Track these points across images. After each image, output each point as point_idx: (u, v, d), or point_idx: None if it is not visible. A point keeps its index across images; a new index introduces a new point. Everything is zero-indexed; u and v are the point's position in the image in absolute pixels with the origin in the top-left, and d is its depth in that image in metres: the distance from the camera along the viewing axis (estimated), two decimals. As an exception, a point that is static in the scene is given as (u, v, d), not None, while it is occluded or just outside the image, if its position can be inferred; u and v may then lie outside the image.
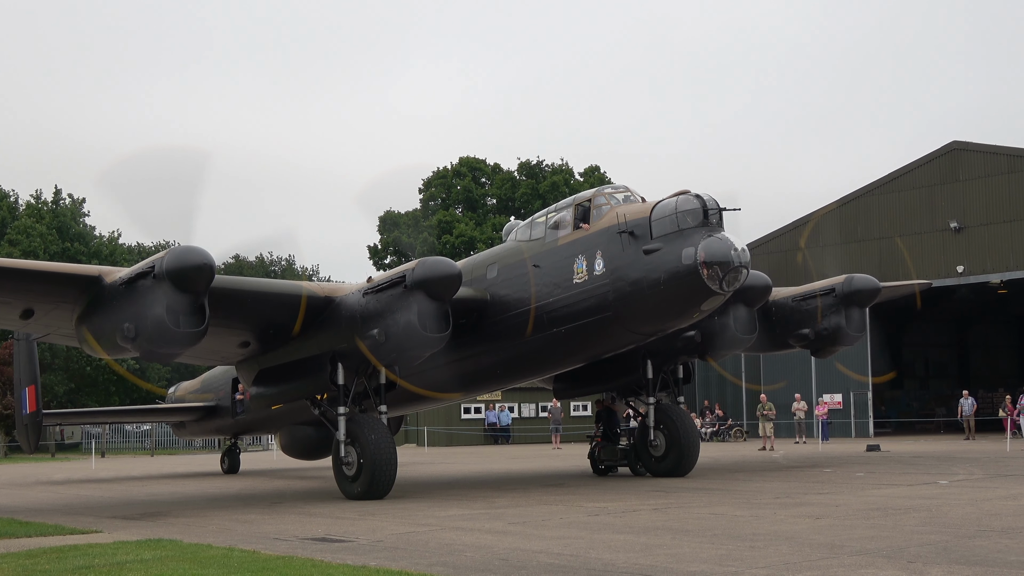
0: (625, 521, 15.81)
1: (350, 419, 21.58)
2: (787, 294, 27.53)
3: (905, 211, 49.38)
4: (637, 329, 22.06)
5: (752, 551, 12.18)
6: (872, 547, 12.25)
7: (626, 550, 12.57)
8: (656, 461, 25.50)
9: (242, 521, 17.66)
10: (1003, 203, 46.76)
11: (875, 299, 27.70)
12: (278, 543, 14.32)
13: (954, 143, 48.92)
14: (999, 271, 47.19)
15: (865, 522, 14.81)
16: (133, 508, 21.26)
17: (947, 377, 67.30)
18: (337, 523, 16.81)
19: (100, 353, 20.24)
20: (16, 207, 70.38)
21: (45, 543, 14.90)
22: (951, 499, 18.07)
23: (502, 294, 23.17)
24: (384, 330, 20.41)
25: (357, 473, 21.22)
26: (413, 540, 14.21)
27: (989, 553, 11.64)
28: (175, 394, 35.20)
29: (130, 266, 19.86)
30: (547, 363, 24.01)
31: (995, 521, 14.65)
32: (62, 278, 19.65)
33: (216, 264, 18.80)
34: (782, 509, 16.95)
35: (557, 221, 22.98)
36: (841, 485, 21.64)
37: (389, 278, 20.82)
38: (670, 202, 20.98)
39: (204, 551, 13.50)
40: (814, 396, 48.59)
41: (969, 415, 42.86)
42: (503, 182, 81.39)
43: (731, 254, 20.22)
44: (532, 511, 17.76)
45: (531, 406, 56.17)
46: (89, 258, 62.33)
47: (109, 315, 19.03)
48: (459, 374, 23.87)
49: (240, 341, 22.35)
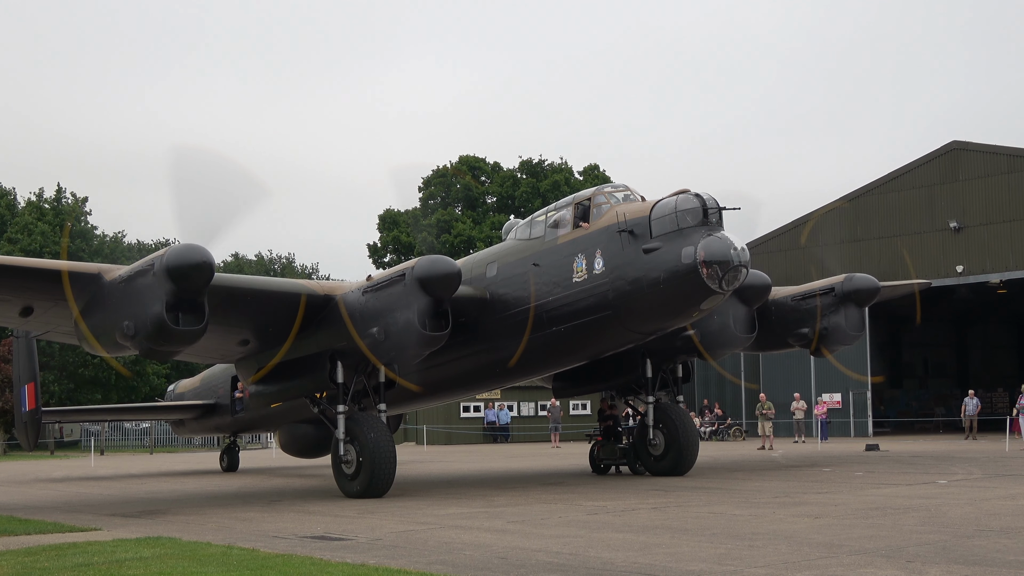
0: (624, 520, 15.82)
1: (349, 417, 21.60)
2: (786, 293, 27.53)
3: (905, 211, 49.38)
4: (637, 328, 22.07)
5: (751, 550, 12.19)
6: (871, 546, 12.26)
7: (625, 549, 12.57)
8: (655, 460, 25.50)
9: (241, 519, 17.66)
10: (1003, 203, 46.78)
11: (874, 299, 27.70)
12: (277, 541, 14.33)
13: (954, 143, 48.93)
14: (998, 271, 47.22)
15: (864, 521, 14.81)
16: (132, 506, 21.27)
17: (946, 377, 67.32)
18: (336, 521, 16.82)
19: (99, 351, 20.22)
20: (15, 204, 70.34)
21: (44, 541, 14.90)
22: (950, 499, 18.07)
23: (501, 293, 23.18)
24: (384, 328, 20.42)
25: (356, 471, 21.23)
26: (412, 538, 14.22)
27: (988, 553, 11.64)
28: (174, 392, 35.21)
29: (130, 264, 19.84)
30: (547, 362, 24.01)
31: (994, 521, 14.65)
32: (61, 276, 19.61)
33: (216, 262, 18.80)
34: (781, 508, 16.96)
35: (557, 220, 22.98)
36: (840, 484, 21.64)
37: (389, 276, 20.83)
38: (670, 201, 20.98)
39: (203, 549, 13.50)
40: (813, 395, 48.61)
41: (973, 415, 42.59)
42: (503, 180, 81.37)
43: (731, 253, 20.23)
44: (531, 510, 17.77)
45: (530, 405, 56.17)
46: (90, 256, 62.33)
47: (109, 313, 19.02)
48: (458, 373, 23.89)
49: (239, 339, 22.36)
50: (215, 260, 18.71)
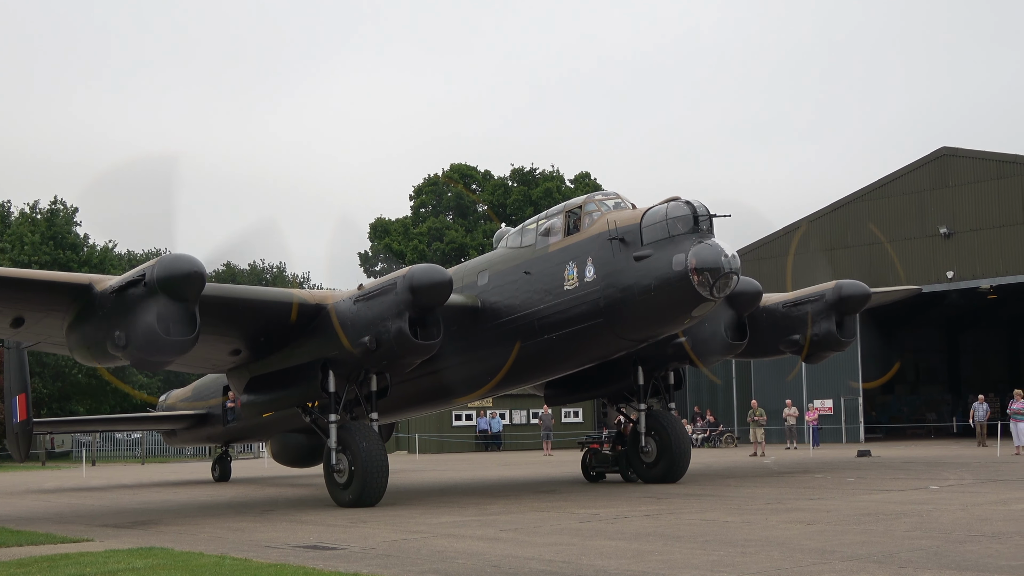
0: (617, 527, 15.82)
1: (341, 426, 21.57)
2: (777, 300, 27.56)
3: (895, 216, 49.49)
4: (628, 335, 22.10)
5: (743, 557, 12.20)
6: (863, 552, 12.28)
7: (618, 556, 12.58)
8: (647, 467, 25.50)
9: (234, 529, 17.63)
10: (992, 208, 46.91)
11: (865, 305, 27.77)
12: (270, 551, 14.30)
13: (944, 149, 49.08)
14: (989, 276, 47.37)
15: (856, 527, 14.83)
16: (124, 516, 21.20)
17: (937, 382, 67.49)
18: (329, 530, 16.79)
19: (91, 361, 20.21)
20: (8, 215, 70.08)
21: (36, 552, 14.85)
22: (942, 504, 18.10)
23: (493, 301, 23.19)
24: (375, 337, 20.43)
25: (348, 480, 21.20)
26: (405, 547, 14.20)
27: (980, 558, 11.67)
28: (166, 402, 35.11)
29: (121, 274, 19.80)
30: (538, 370, 24.02)
31: (985, 526, 14.68)
32: (52, 286, 19.56)
33: (207, 272, 18.79)
34: (773, 515, 16.97)
35: (548, 228, 23.02)
36: (832, 490, 21.67)
37: (380, 285, 20.83)
38: (660, 208, 21.03)
39: (196, 559, 13.48)
40: (805, 402, 48.68)
41: (982, 420, 42.02)
42: (494, 188, 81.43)
43: (721, 260, 20.26)
44: (524, 518, 17.76)
45: (522, 413, 56.18)
46: (80, 266, 62.15)
47: (100, 323, 18.97)
48: (450, 381, 23.88)
49: (231, 349, 22.34)
50: (206, 269, 18.72)
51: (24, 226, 65.61)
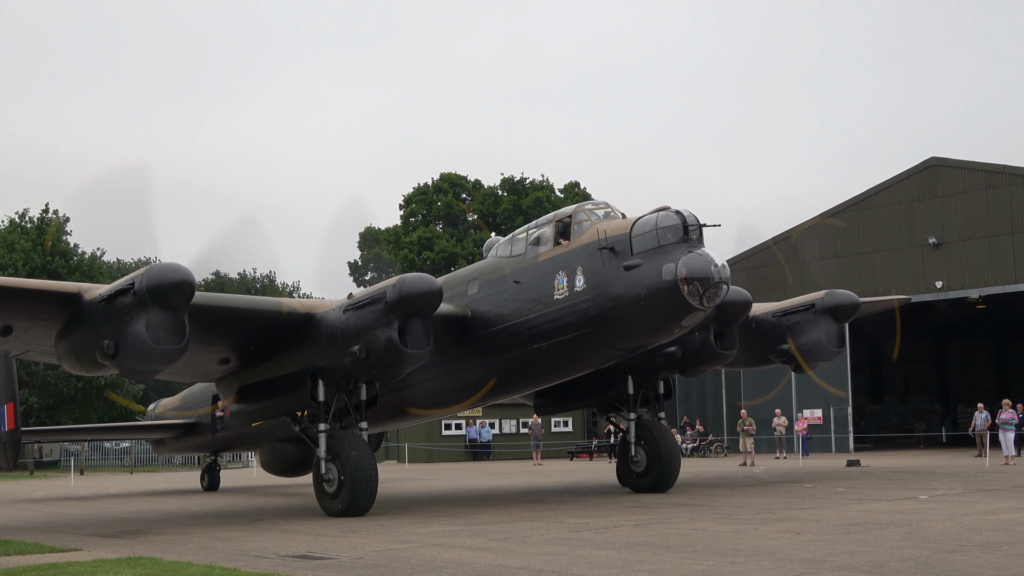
0: (606, 537, 15.81)
1: (330, 436, 21.52)
2: (767, 309, 27.60)
3: (884, 227, 49.62)
4: (618, 345, 22.10)
5: (733, 567, 12.21)
6: (853, 562, 12.29)
7: (608, 566, 12.57)
8: (637, 477, 25.49)
9: (222, 538, 17.58)
10: (981, 219, 47.06)
11: (855, 314, 27.81)
12: (259, 560, 14.27)
13: (932, 159, 49.23)
14: (978, 286, 47.50)
15: (846, 537, 14.84)
16: (113, 526, 21.13)
17: (926, 392, 67.61)
18: (318, 540, 16.75)
19: (80, 370, 20.14)
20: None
21: (24, 561, 14.79)
22: (931, 514, 18.13)
23: (483, 310, 23.19)
24: (365, 346, 20.41)
25: (338, 490, 21.15)
26: (394, 557, 14.18)
27: (969, 568, 11.69)
28: (154, 411, 35.00)
29: (110, 283, 19.77)
30: (528, 379, 24.01)
31: (975, 536, 14.71)
32: (41, 295, 19.51)
33: (196, 280, 18.76)
34: (763, 524, 16.98)
35: (538, 237, 23.03)
36: (822, 500, 21.69)
37: (370, 294, 20.82)
38: (650, 218, 21.05)
39: (184, 569, 13.44)
40: (794, 411, 48.73)
41: (982, 430, 41.77)
42: (484, 198, 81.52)
43: (711, 270, 20.28)
44: (513, 527, 17.74)
45: (512, 422, 56.16)
46: (70, 274, 61.97)
47: (89, 332, 18.91)
48: (440, 390, 23.86)
49: (220, 358, 22.30)
50: (195, 278, 18.69)
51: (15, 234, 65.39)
